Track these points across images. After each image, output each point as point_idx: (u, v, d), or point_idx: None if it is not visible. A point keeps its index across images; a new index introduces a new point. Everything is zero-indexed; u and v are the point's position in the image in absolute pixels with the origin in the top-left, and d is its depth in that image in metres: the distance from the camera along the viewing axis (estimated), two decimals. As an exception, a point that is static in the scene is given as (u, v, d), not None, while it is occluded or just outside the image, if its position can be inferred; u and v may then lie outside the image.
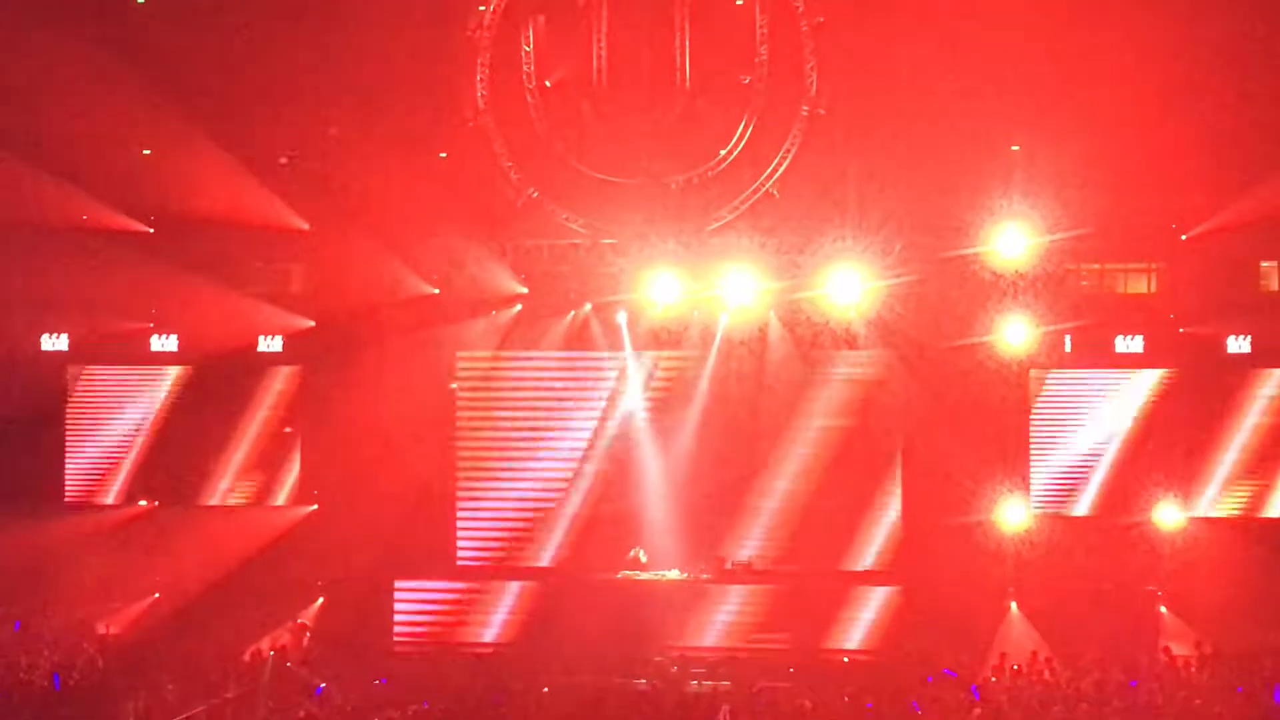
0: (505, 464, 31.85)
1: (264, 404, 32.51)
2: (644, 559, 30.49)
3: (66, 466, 32.64)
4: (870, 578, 30.23)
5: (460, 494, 31.80)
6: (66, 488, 32.64)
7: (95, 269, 30.60)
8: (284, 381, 32.51)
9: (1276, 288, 31.16)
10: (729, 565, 30.43)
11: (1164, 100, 29.05)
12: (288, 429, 32.33)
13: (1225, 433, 30.31)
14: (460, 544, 31.79)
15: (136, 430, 32.64)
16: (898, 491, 30.70)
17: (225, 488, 32.54)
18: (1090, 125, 28.84)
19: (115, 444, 32.65)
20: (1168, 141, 29.16)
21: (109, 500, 32.59)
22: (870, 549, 30.81)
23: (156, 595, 31.15)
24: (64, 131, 30.30)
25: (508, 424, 31.92)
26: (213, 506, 32.42)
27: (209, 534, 31.59)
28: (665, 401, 31.53)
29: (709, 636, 29.47)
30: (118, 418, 32.66)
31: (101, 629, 29.41)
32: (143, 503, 32.53)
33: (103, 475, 32.66)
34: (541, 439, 31.83)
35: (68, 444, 32.65)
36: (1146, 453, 30.41)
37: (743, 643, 29.42)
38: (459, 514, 31.82)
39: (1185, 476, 30.20)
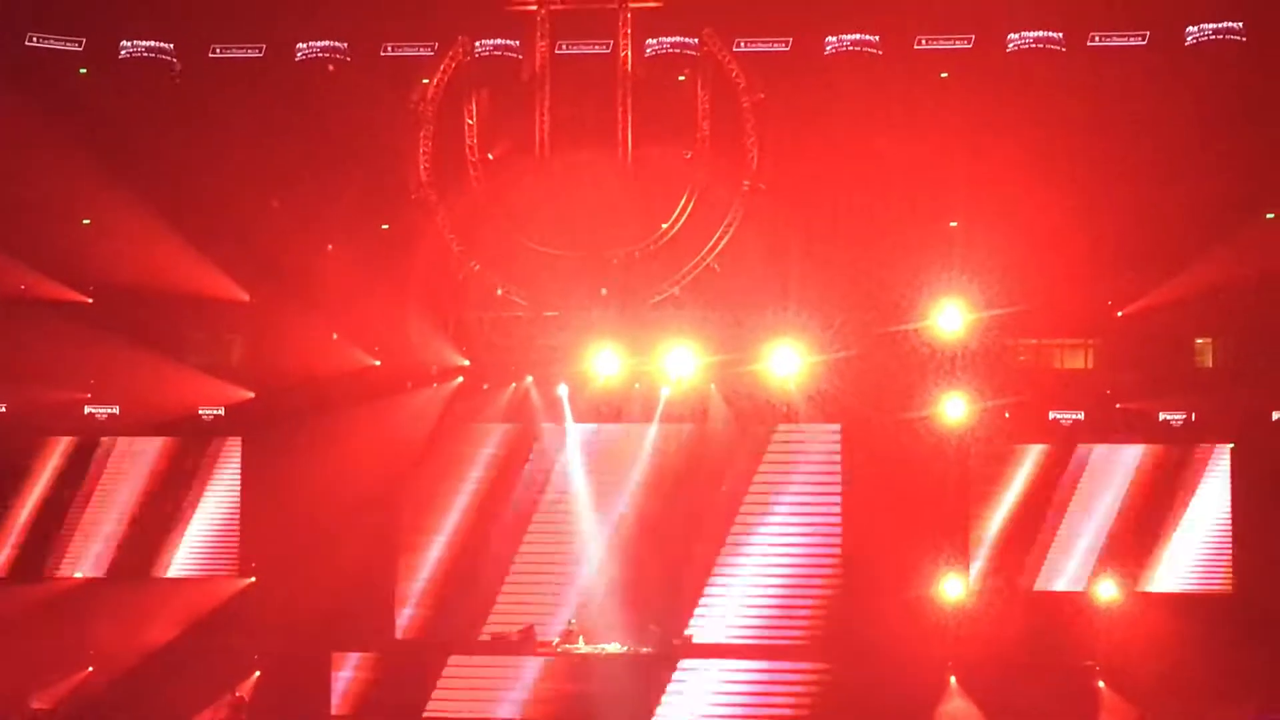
0: (446, 536, 31.65)
1: (202, 475, 32.23)
2: (575, 628, 30.36)
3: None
4: (811, 652, 30.19)
5: (401, 566, 31.52)
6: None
7: (34, 339, 30.37)
8: (223, 452, 32.25)
9: (1211, 364, 31.45)
10: (676, 640, 30.26)
11: (1099, 178, 29.47)
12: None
13: (1163, 508, 30.47)
14: (400, 617, 31.50)
15: (73, 501, 32.24)
16: (838, 565, 30.69)
17: (162, 559, 32.15)
18: (1027, 203, 29.18)
19: (51, 515, 32.21)
20: (1103, 219, 29.53)
21: (43, 572, 32.12)
22: (810, 623, 30.73)
23: (90, 669, 30.77)
24: (3, 200, 30.23)
25: (449, 495, 31.77)
26: (149, 578, 31.98)
27: (144, 606, 31.27)
28: (606, 473, 31.44)
29: (650, 711, 29.37)
30: (54, 489, 32.27)
31: (34, 703, 29.05)
32: (78, 574, 32.09)
33: (38, 546, 32.19)
34: (482, 511, 31.69)
35: (2, 515, 32.20)
36: (1084, 527, 30.49)
37: (684, 716, 29.40)
38: (399, 586, 31.53)
39: (1124, 551, 30.34)
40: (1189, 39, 30.14)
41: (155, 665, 30.23)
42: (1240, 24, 29.88)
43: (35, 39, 31.39)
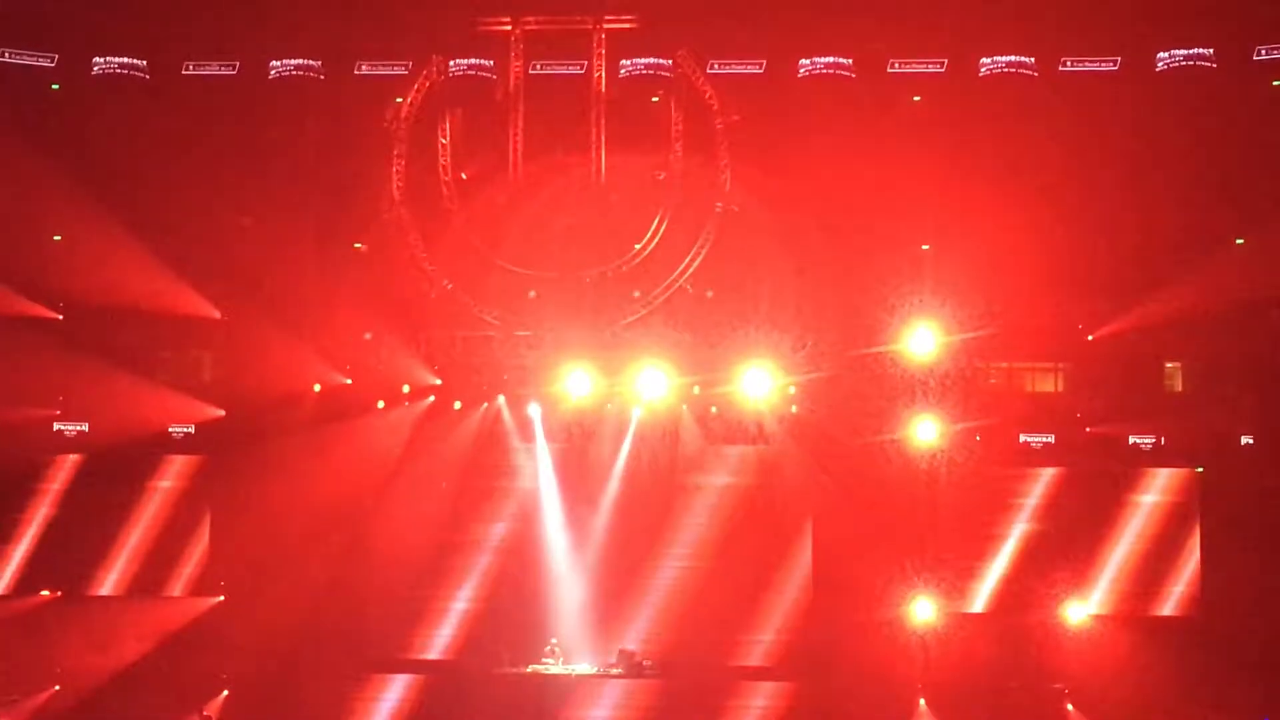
0: (416, 555, 31.52)
1: (172, 493, 32.07)
2: (558, 651, 30.32)
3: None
4: (781, 674, 30.19)
5: (371, 585, 31.39)
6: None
7: (2, 355, 30.21)
8: (193, 470, 32.11)
9: (1180, 388, 31.58)
10: (647, 662, 30.26)
11: (1071, 203, 29.61)
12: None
13: (1132, 531, 30.55)
14: (370, 636, 31.36)
15: (40, 518, 32.04)
16: (809, 587, 30.68)
17: (131, 577, 31.97)
18: (998, 227, 29.30)
19: (17, 532, 32.00)
20: (1074, 243, 29.67)
21: (9, 590, 31.92)
22: (782, 645, 30.70)
23: (56, 687, 30.59)
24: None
25: (420, 515, 31.67)
26: (116, 597, 31.81)
27: (111, 624, 31.11)
28: (578, 493, 31.40)
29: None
30: (22, 506, 32.07)
31: (-1, 721, 28.97)
32: (45, 592, 31.91)
33: (4, 564, 32.00)
34: (454, 530, 31.60)
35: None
36: (1054, 550, 30.53)
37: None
38: (369, 606, 31.38)
39: (1094, 574, 30.42)
40: (1160, 65, 30.36)
41: (122, 684, 30.05)
42: (1210, 50, 30.09)
43: (7, 54, 31.32)
